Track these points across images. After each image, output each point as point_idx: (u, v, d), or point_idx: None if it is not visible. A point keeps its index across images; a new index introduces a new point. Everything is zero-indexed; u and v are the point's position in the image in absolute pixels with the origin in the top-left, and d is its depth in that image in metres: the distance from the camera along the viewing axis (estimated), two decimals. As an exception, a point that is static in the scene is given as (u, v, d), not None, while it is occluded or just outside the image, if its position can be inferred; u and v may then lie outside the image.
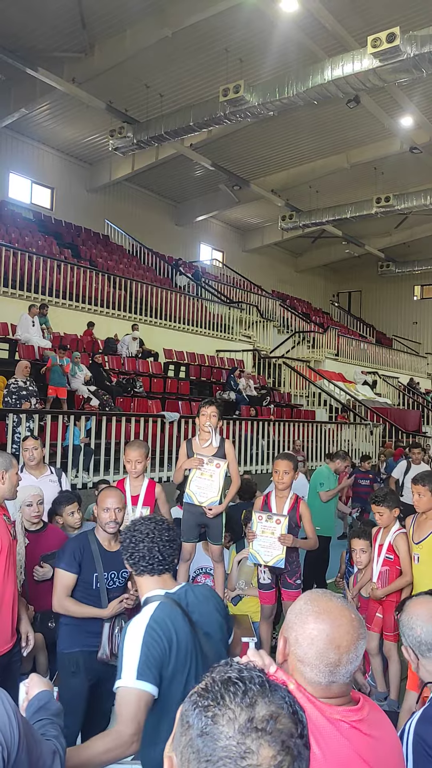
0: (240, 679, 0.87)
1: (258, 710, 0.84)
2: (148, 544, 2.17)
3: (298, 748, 0.84)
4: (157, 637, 1.96)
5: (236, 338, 18.19)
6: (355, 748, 1.29)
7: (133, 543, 2.19)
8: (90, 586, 3.32)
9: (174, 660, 1.97)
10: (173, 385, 13.54)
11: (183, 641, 2.00)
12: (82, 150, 19.42)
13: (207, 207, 22.98)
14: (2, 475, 3.21)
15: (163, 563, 2.17)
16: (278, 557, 3.89)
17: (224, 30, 13.14)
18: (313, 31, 13.00)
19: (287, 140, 18.46)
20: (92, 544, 3.36)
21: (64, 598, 3.26)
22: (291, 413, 14.90)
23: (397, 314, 30.46)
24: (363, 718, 1.36)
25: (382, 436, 15.92)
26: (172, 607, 2.06)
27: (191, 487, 3.92)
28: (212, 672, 0.91)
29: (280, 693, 0.88)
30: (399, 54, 10.91)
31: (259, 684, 0.87)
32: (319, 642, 1.35)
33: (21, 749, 1.29)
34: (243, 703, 0.84)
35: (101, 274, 14.99)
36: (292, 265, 29.52)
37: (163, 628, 1.98)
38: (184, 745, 0.85)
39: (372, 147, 18.57)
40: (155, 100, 15.51)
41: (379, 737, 1.37)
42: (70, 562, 3.30)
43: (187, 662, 2.00)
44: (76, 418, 8.74)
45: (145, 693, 1.91)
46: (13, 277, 12.55)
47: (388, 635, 4.34)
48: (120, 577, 3.44)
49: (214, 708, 0.85)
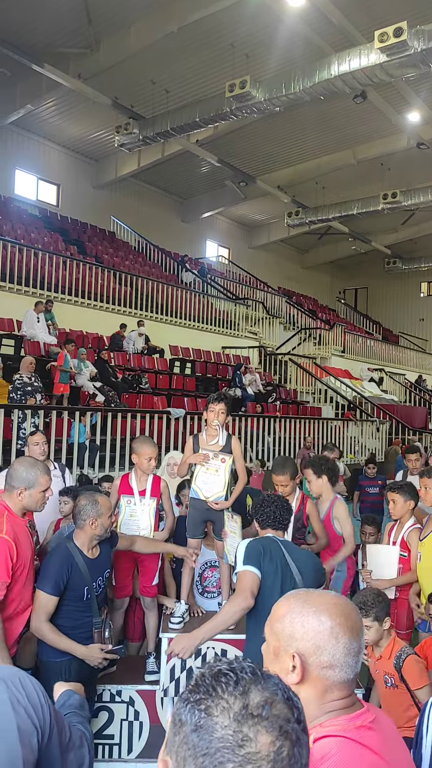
0: (231, 670, 0.86)
1: (252, 697, 0.82)
2: (273, 508, 3.07)
3: (297, 733, 0.83)
4: (254, 543, 2.91)
5: (242, 335, 18.16)
6: (378, 749, 1.25)
7: (262, 506, 3.09)
8: (80, 599, 3.25)
9: (267, 561, 2.82)
10: (179, 381, 13.53)
11: (275, 556, 2.85)
12: (88, 146, 19.41)
13: (213, 203, 22.95)
14: (21, 492, 3.07)
15: (281, 522, 3.08)
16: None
17: (230, 25, 13.10)
18: (320, 26, 12.93)
19: (293, 136, 18.41)
20: (76, 557, 3.24)
21: (44, 622, 3.13)
22: (297, 410, 14.87)
23: (404, 311, 30.37)
24: (375, 716, 1.32)
25: (388, 433, 15.88)
26: (271, 540, 2.97)
27: (197, 482, 3.89)
28: (201, 669, 0.89)
29: (273, 680, 0.86)
30: (406, 49, 10.86)
31: (250, 673, 0.86)
32: (343, 637, 1.29)
33: (53, 732, 1.35)
34: (236, 692, 0.83)
35: (107, 271, 14.98)
36: (298, 262, 29.46)
37: (260, 542, 2.92)
38: (179, 744, 0.82)
39: (379, 143, 18.49)
40: (161, 96, 15.49)
41: (386, 729, 1.34)
42: (56, 586, 3.15)
43: (278, 571, 2.82)
44: (81, 414, 8.73)
45: (251, 572, 2.79)
46: (19, 273, 12.55)
47: (399, 632, 4.25)
48: (104, 580, 3.41)
49: (207, 701, 0.82)
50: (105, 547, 3.46)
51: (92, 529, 3.28)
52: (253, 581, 2.75)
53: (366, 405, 16.70)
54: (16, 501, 3.07)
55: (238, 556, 2.88)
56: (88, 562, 3.28)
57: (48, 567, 3.23)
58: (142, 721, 3.74)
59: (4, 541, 2.89)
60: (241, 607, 2.71)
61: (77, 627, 3.24)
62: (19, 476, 3.08)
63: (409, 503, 4.26)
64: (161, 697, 3.74)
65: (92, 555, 3.33)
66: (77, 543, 3.30)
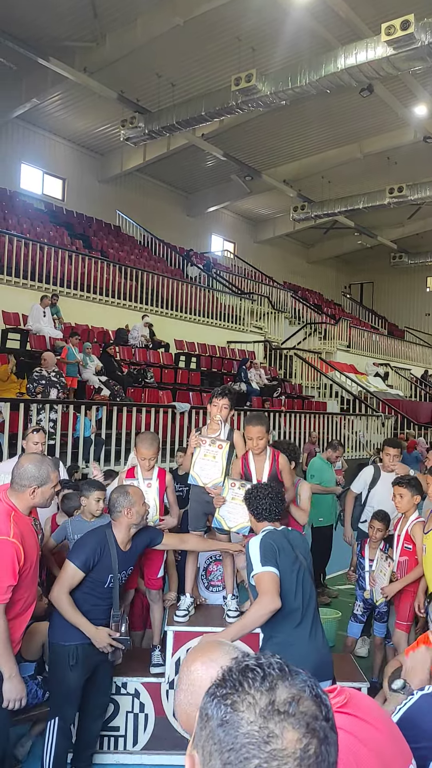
0: (258, 666, 0.85)
1: (279, 693, 0.82)
2: (268, 501, 3.10)
3: (325, 731, 0.81)
4: (268, 541, 2.92)
5: (247, 329, 18.15)
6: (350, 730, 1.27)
7: (257, 499, 3.12)
8: (102, 584, 3.31)
9: (284, 558, 2.87)
10: (184, 375, 13.54)
11: (286, 549, 2.92)
12: (94, 140, 19.39)
13: (218, 197, 22.89)
14: (33, 490, 3.01)
15: (276, 513, 3.12)
16: (242, 525, 3.85)
17: (236, 18, 13.04)
18: (326, 19, 12.86)
19: (299, 130, 18.33)
20: (110, 545, 3.33)
21: (65, 593, 3.23)
22: (302, 404, 14.86)
23: (410, 306, 30.26)
24: (347, 700, 1.33)
25: (393, 428, 15.86)
26: (277, 532, 3.02)
27: (195, 469, 3.89)
28: (229, 664, 0.89)
29: (301, 677, 0.86)
30: (413, 42, 10.78)
31: (278, 668, 0.85)
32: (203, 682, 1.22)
33: None
34: (263, 688, 0.82)
35: (112, 265, 14.97)
36: (303, 256, 29.38)
37: (271, 538, 2.94)
38: (205, 739, 0.82)
39: (385, 137, 18.41)
40: (167, 89, 15.44)
41: (363, 710, 1.34)
42: (86, 562, 3.25)
43: (295, 565, 2.90)
44: (87, 408, 8.76)
45: (270, 572, 2.81)
46: (24, 267, 12.56)
47: (401, 624, 4.28)
48: (127, 574, 3.47)
49: (233, 695, 0.82)
50: (139, 543, 3.52)
51: (128, 518, 3.37)
52: (276, 582, 2.79)
53: (371, 400, 16.68)
54: (27, 499, 3.02)
55: (253, 556, 2.88)
56: (120, 554, 3.35)
57: (83, 544, 3.36)
58: (147, 713, 3.78)
59: (11, 545, 2.87)
60: (269, 609, 2.75)
61: (90, 612, 3.29)
62: (31, 474, 3.01)
63: (416, 498, 4.30)
64: (166, 690, 3.77)
65: (126, 548, 3.40)
66: (115, 532, 3.38)
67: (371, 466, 5.58)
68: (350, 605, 5.03)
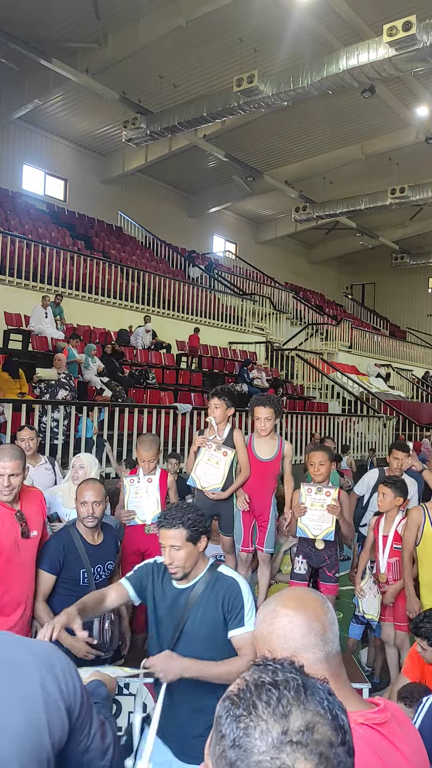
0: (273, 684, 0.83)
1: (293, 721, 0.80)
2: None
3: (339, 757, 0.79)
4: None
5: (249, 330, 18.15)
6: (374, 749, 1.24)
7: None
8: (77, 582, 3.26)
9: None
10: (186, 376, 13.55)
11: None
12: (96, 141, 19.41)
13: (220, 198, 22.91)
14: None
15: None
16: (328, 530, 3.81)
17: (238, 19, 13.05)
18: (328, 20, 12.87)
19: (301, 131, 18.34)
20: (75, 540, 3.31)
21: (40, 602, 3.20)
22: (304, 405, 14.86)
23: (411, 307, 30.24)
24: (387, 720, 1.30)
25: (395, 429, 15.85)
26: None
27: (196, 472, 3.91)
28: (247, 673, 0.87)
29: (318, 697, 0.83)
30: (415, 43, 10.78)
31: (294, 690, 0.83)
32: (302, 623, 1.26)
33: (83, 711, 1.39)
34: (276, 713, 0.80)
35: (114, 266, 14.99)
36: (305, 257, 29.38)
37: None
38: (218, 756, 0.82)
39: (387, 137, 18.40)
40: (169, 90, 15.46)
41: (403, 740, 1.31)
42: (52, 563, 3.23)
43: None
44: (89, 409, 8.76)
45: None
46: (26, 268, 12.58)
47: (400, 625, 4.27)
48: (106, 570, 3.40)
49: (246, 719, 0.81)
50: (109, 536, 3.50)
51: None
52: None
53: (373, 401, 16.67)
54: None
55: (249, 612, 2.49)
56: (88, 546, 3.33)
57: (46, 546, 3.32)
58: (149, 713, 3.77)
59: None
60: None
61: None
62: None
63: (398, 499, 4.33)
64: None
65: (95, 542, 3.37)
66: (78, 527, 3.38)
67: (376, 470, 5.48)
68: (351, 606, 5.03)
